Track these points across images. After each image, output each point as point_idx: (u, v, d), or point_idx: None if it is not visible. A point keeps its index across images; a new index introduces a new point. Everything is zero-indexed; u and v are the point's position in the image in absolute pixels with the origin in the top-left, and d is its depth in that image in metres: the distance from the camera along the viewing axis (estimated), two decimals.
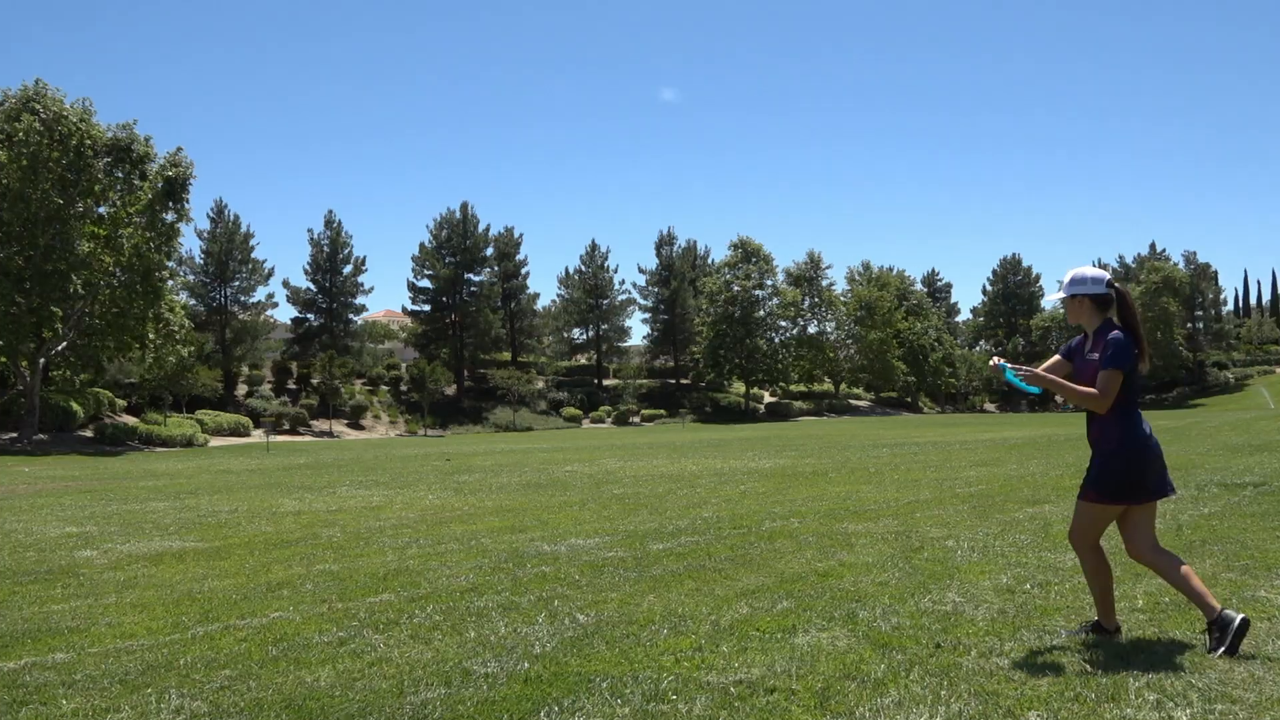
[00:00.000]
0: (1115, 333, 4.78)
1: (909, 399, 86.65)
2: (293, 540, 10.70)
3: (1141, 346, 4.79)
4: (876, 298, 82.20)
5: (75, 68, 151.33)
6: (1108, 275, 4.85)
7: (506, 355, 77.52)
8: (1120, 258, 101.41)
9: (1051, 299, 5.02)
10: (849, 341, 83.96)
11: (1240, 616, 4.79)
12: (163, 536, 11.21)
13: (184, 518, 13.19)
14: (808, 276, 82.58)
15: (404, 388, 65.13)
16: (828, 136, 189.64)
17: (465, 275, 69.82)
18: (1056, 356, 5.07)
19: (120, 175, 37.45)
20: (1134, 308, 4.83)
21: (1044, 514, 10.66)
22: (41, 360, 37.67)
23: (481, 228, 70.16)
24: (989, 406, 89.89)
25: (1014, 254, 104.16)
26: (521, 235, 78.08)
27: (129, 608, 7.15)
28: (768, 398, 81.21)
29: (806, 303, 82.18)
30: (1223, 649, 4.72)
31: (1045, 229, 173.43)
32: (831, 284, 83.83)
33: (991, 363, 4.98)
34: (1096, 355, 4.80)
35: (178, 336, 40.19)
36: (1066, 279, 4.95)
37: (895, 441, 30.82)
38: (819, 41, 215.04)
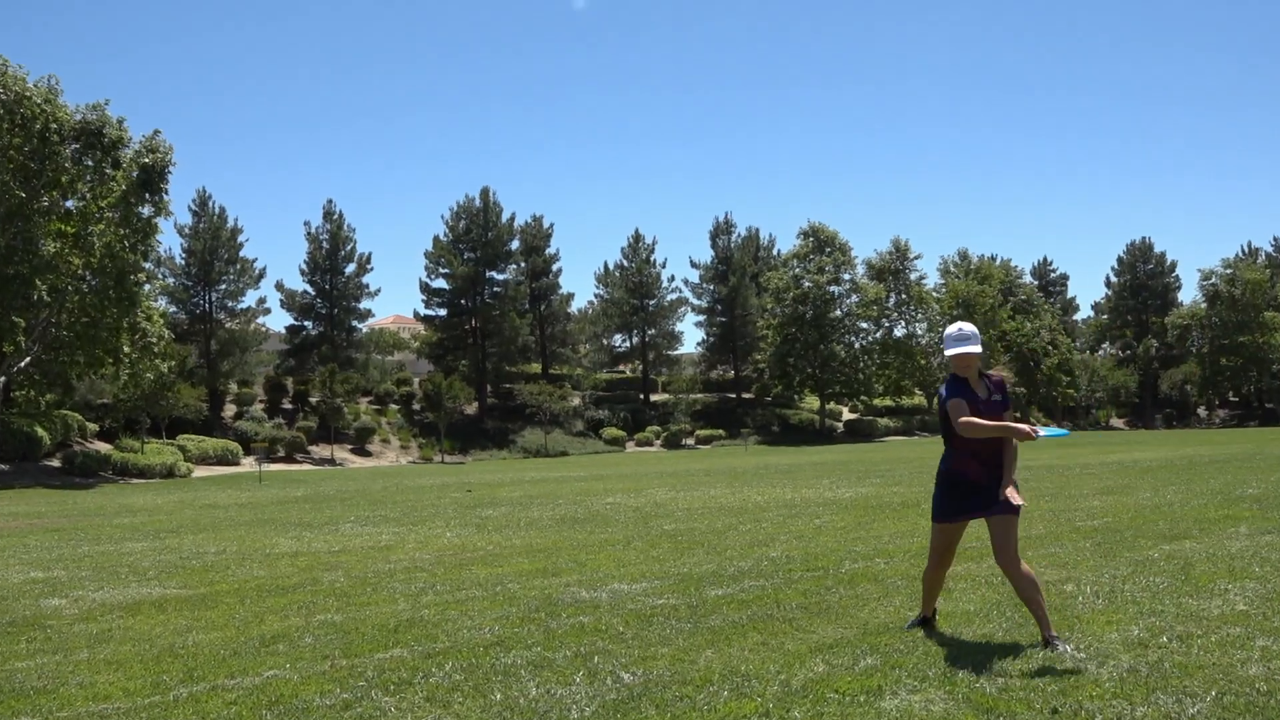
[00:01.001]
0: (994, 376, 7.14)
1: (1017, 414, 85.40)
2: (290, 586, 10.86)
3: None
4: (976, 293, 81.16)
5: (39, 46, 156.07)
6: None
7: (536, 367, 77.84)
8: (1275, 239, 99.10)
9: (956, 352, 6.96)
10: (944, 346, 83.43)
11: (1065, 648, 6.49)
12: (140, 582, 11.44)
13: (165, 560, 13.46)
14: (893, 269, 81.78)
15: (417, 406, 65.58)
16: (912, 113, 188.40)
17: (487, 273, 70.17)
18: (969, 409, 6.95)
19: (90, 164, 37.09)
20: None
21: (1184, 552, 10.46)
22: (1, 379, 37.88)
23: (505, 217, 70.50)
24: (1116, 422, 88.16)
25: (1144, 238, 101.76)
26: (552, 225, 78.46)
27: (103, 665, 7.31)
28: (846, 414, 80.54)
29: (892, 300, 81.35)
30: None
31: (1179, 209, 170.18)
32: (922, 277, 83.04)
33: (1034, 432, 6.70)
34: (1000, 398, 7.05)
35: (156, 349, 39.82)
36: (959, 333, 7.05)
37: None
38: (894, 9, 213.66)
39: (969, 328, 7.14)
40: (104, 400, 49.54)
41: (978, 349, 6.99)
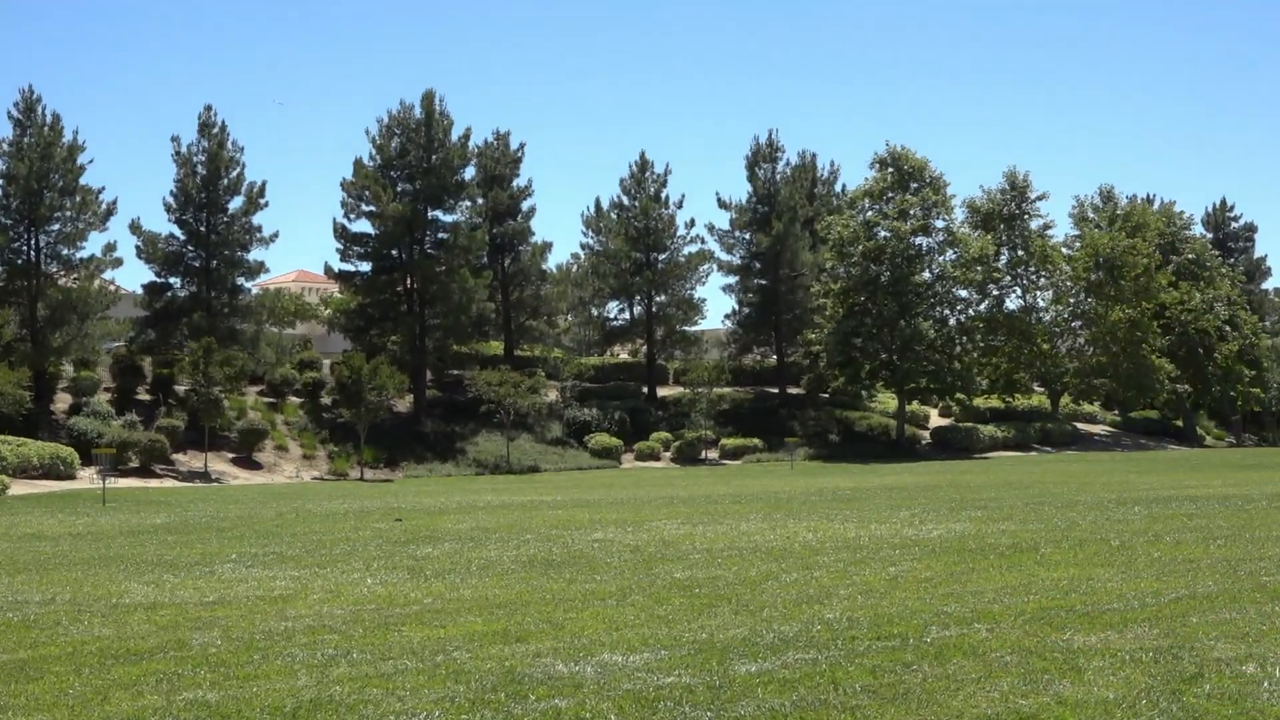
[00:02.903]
0: None
1: (1179, 421, 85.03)
2: (145, 651, 10.85)
3: None
4: (1124, 250, 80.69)
5: None
6: None
7: (497, 346, 77.56)
8: None
9: None
10: (1075, 324, 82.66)
11: None
12: None
13: None
14: (1005, 214, 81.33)
15: (327, 400, 65.39)
16: (1021, 8, 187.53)
17: (429, 213, 69.62)
18: None
19: None
20: None
21: None
22: None
23: (456, 135, 69.80)
24: None
25: None
26: (523, 147, 77.95)
27: None
28: (935, 418, 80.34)
29: (1004, 258, 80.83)
30: None
31: None
32: (1047, 226, 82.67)
33: None
34: None
35: None
36: None
37: (1155, 494, 30.36)
38: None
39: None
40: None
41: None
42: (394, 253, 69.73)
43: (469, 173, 71.84)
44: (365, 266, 70.62)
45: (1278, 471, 41.13)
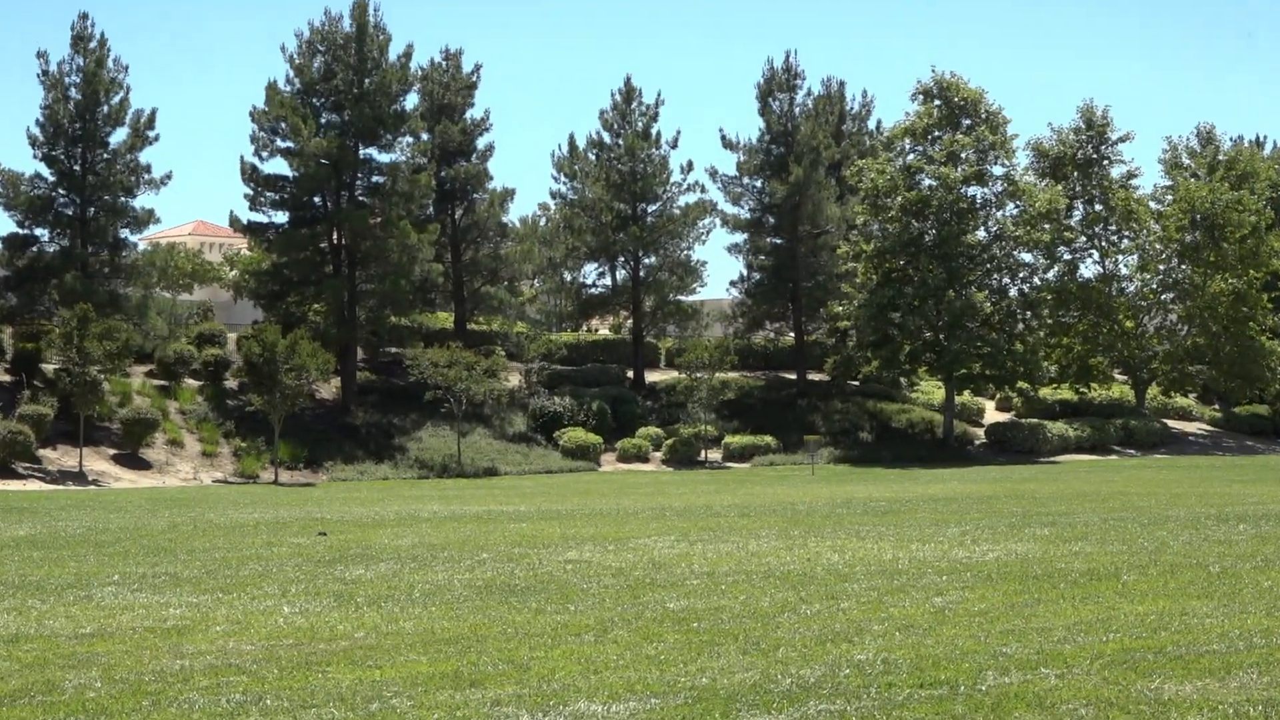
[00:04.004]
0: None
1: None
2: (4, 695, 10.83)
3: None
4: (1228, 204, 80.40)
5: None
6: None
7: (446, 319, 77.46)
8: None
9: None
10: (1166, 296, 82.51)
11: None
12: None
13: None
14: (1079, 159, 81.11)
15: (233, 383, 65.15)
16: None
17: (362, 151, 69.25)
18: None
19: None
20: None
21: None
22: None
23: (395, 54, 69.22)
24: None
25: None
26: (479, 70, 77.38)
27: None
28: (992, 412, 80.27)
29: (1077, 213, 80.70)
30: None
31: None
32: (1131, 175, 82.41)
33: None
34: None
35: None
36: None
37: (1265, 509, 30.38)
38: None
39: None
40: None
41: None
42: (317, 200, 69.37)
43: (411, 101, 71.46)
44: (281, 217, 70.26)
45: None
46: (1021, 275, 76.54)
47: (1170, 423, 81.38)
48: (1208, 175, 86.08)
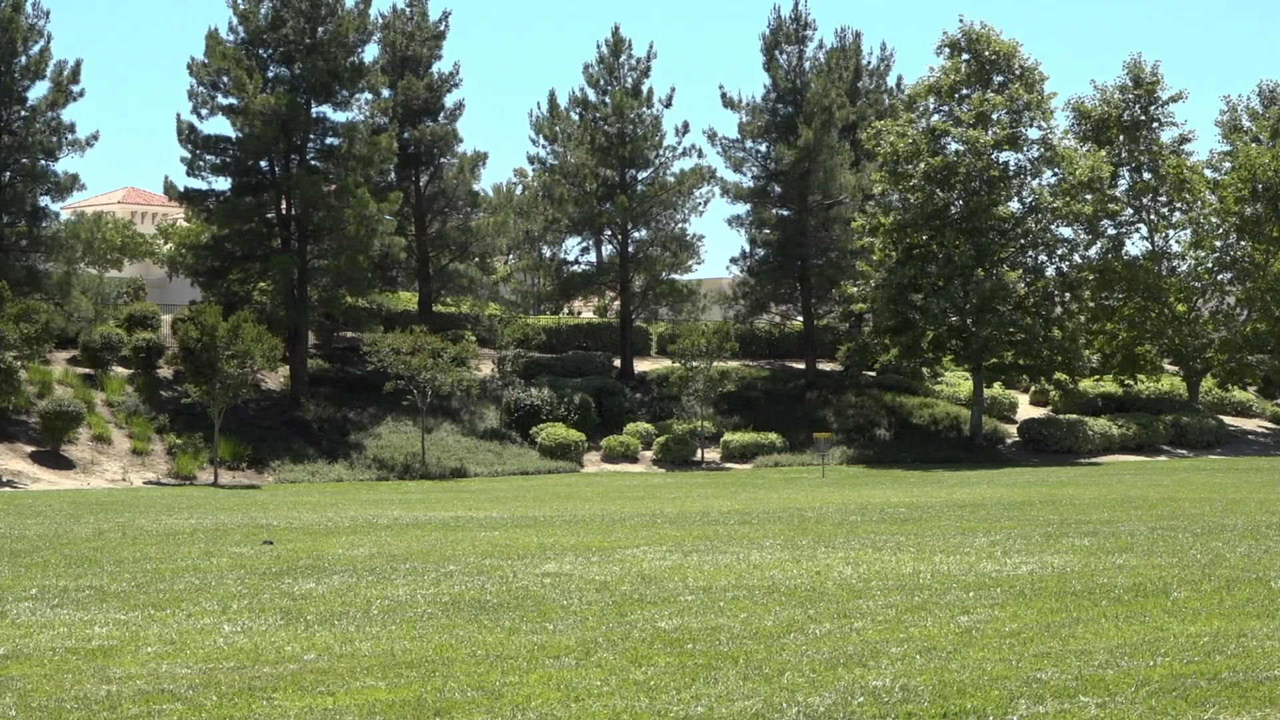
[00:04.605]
0: None
1: None
2: None
3: None
4: None
5: None
6: None
7: (409, 299, 77.57)
8: None
9: None
10: (1223, 276, 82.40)
11: None
12: None
13: None
14: (1126, 121, 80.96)
15: (167, 372, 65.58)
16: None
17: (314, 109, 69.08)
18: None
19: None
20: None
21: None
22: None
23: None
24: None
25: None
26: (447, 18, 77.20)
27: None
28: (1026, 406, 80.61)
29: (1123, 182, 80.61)
30: None
31: None
32: (1184, 139, 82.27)
33: None
34: None
35: None
36: None
37: None
38: None
39: None
40: None
41: None
42: (263, 164, 69.24)
43: (370, 53, 71.36)
44: (222, 184, 70.11)
45: None
46: (1060, 252, 76.45)
47: (1227, 419, 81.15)
48: (1271, 140, 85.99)
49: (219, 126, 69.60)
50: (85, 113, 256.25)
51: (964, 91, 74.25)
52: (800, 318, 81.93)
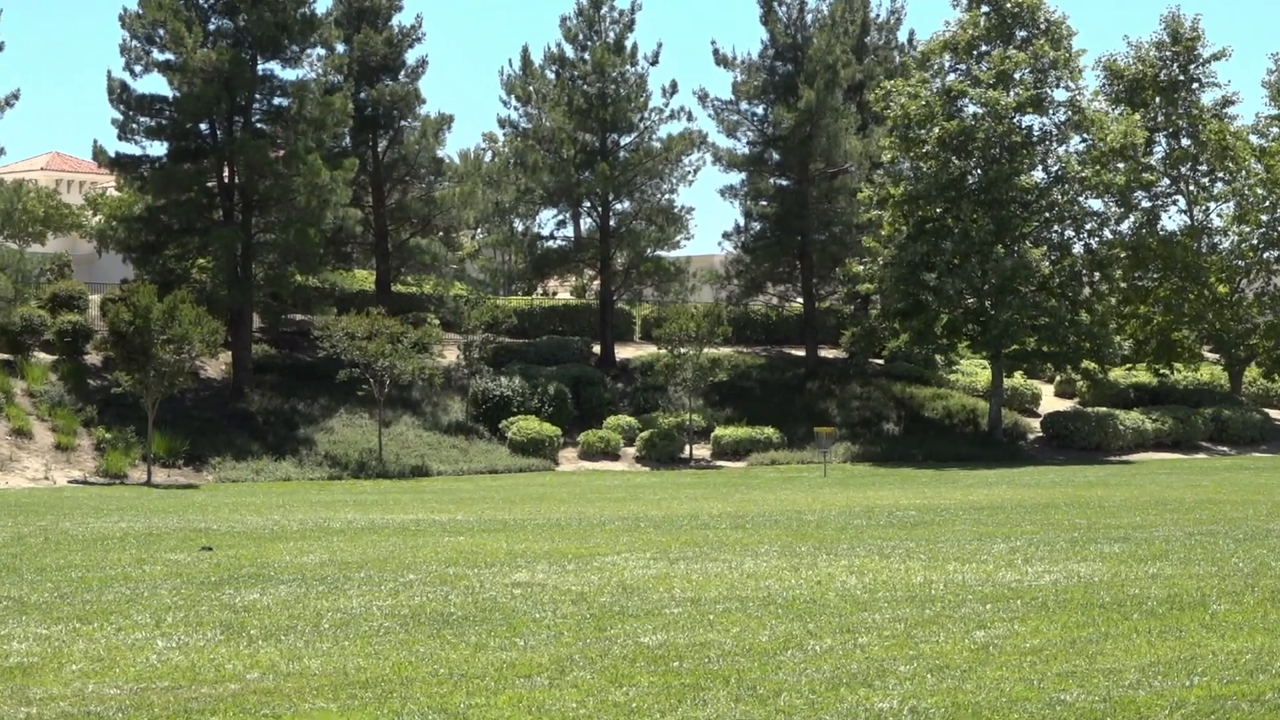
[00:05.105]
0: None
1: None
2: None
3: None
4: None
5: None
6: None
7: (366, 278, 77.80)
8: None
9: None
10: (1270, 254, 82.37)
11: None
12: None
13: None
14: (1163, 81, 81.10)
15: (95, 358, 65.48)
16: None
17: (259, 65, 68.98)
18: None
19: None
20: None
21: None
22: None
23: None
24: None
25: None
26: None
27: None
28: (1050, 398, 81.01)
29: (1159, 149, 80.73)
30: None
31: None
32: (1228, 102, 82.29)
33: None
34: None
35: None
36: None
37: None
38: None
39: None
40: None
41: None
42: (204, 127, 69.17)
43: (323, 4, 71.33)
44: (158, 148, 70.02)
45: None
46: (1089, 227, 76.46)
47: (1273, 413, 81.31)
48: None
49: (155, 85, 69.63)
50: (4, 69, 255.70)
51: (983, 48, 74.27)
52: (800, 299, 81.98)
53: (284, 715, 11.94)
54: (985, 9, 74.52)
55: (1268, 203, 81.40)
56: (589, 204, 79.25)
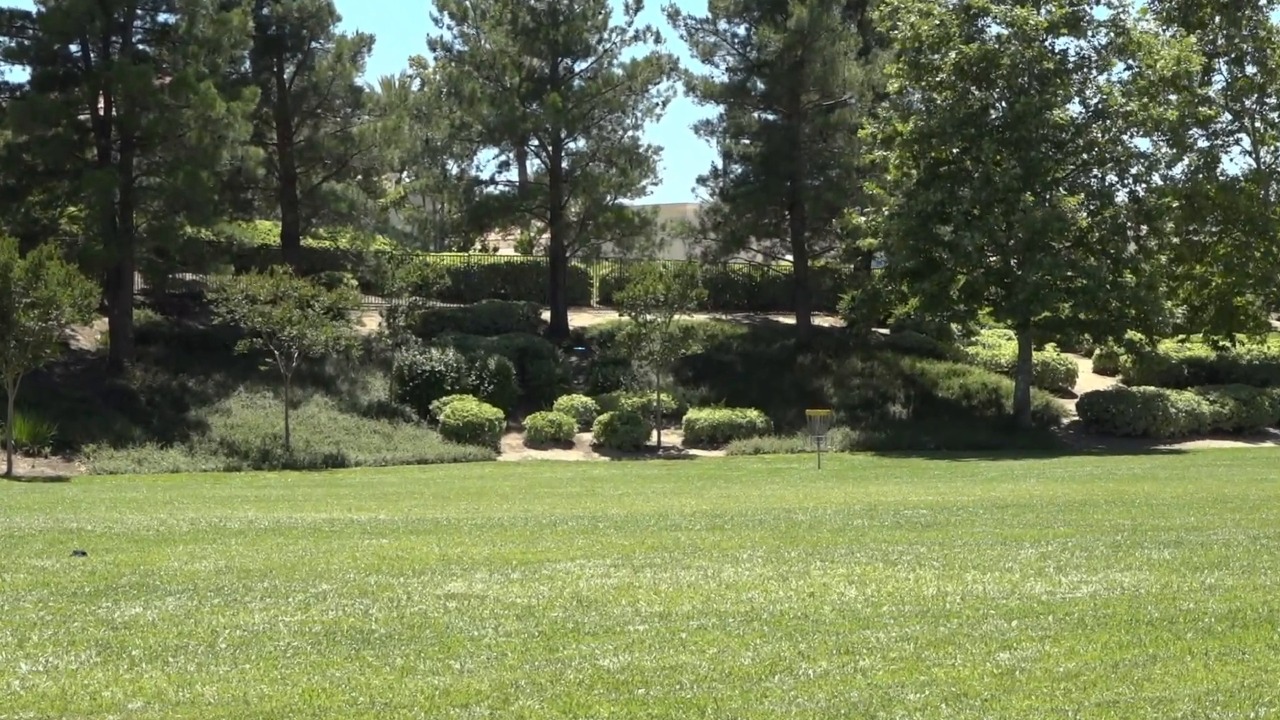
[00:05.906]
0: None
1: None
2: None
3: None
4: None
5: None
6: None
7: (268, 230, 78.24)
8: None
9: None
10: None
11: None
12: None
13: None
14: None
15: None
16: None
17: None
18: None
19: None
20: None
21: None
22: None
23: None
24: None
25: None
26: None
27: None
28: (1088, 375, 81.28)
29: (1219, 79, 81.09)
30: None
31: None
32: None
33: None
34: None
35: None
36: None
37: None
38: None
39: None
40: None
41: None
42: (74, 50, 69.20)
43: None
44: (20, 75, 70.35)
45: None
46: (1135, 171, 76.62)
47: None
48: None
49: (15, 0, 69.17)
50: None
51: None
52: (790, 257, 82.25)
53: None
54: None
55: None
56: (537, 142, 79.45)
